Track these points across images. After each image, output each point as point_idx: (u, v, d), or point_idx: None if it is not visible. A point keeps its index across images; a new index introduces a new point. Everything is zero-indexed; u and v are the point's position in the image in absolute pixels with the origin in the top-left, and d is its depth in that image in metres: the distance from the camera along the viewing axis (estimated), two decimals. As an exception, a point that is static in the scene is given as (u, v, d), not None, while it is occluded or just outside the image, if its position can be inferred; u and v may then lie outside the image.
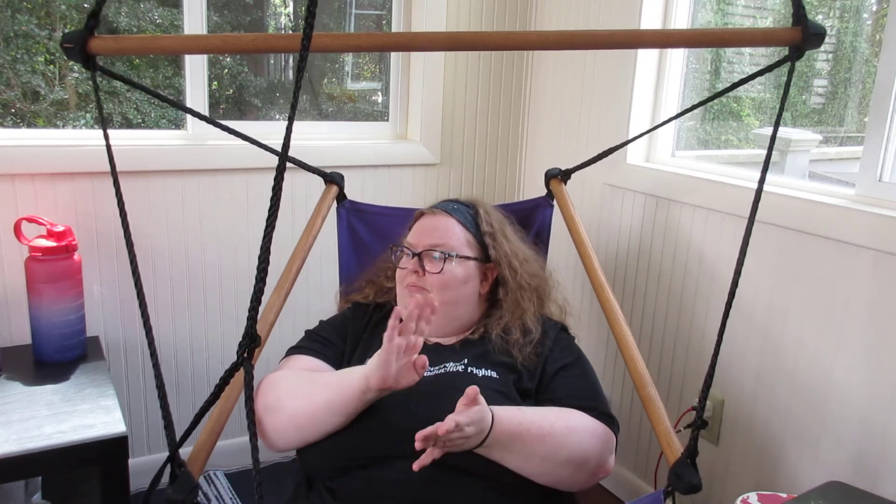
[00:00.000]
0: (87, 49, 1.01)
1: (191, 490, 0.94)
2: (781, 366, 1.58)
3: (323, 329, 1.41)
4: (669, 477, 0.99)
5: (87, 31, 1.00)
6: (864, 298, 1.41)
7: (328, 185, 1.71)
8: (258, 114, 2.26)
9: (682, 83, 1.94)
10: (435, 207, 1.43)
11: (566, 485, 1.17)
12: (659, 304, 1.89)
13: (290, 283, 1.48)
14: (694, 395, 1.80)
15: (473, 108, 2.28)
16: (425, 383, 1.20)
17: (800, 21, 0.93)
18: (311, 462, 1.21)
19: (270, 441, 1.20)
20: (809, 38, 0.93)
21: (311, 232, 1.58)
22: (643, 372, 1.24)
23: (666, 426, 1.15)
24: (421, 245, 1.36)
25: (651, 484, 1.92)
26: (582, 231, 1.58)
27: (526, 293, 1.39)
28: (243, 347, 0.78)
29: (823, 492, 1.10)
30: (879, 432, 1.40)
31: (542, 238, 1.75)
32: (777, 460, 1.61)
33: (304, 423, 1.16)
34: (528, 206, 1.76)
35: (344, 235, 1.72)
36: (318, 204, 1.66)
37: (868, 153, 1.46)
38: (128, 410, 1.93)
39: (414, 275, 1.34)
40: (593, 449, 1.16)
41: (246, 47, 1.07)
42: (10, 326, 1.73)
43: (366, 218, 1.73)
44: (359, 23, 2.34)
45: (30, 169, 1.68)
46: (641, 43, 1.15)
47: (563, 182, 1.72)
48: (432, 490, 1.12)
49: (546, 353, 1.31)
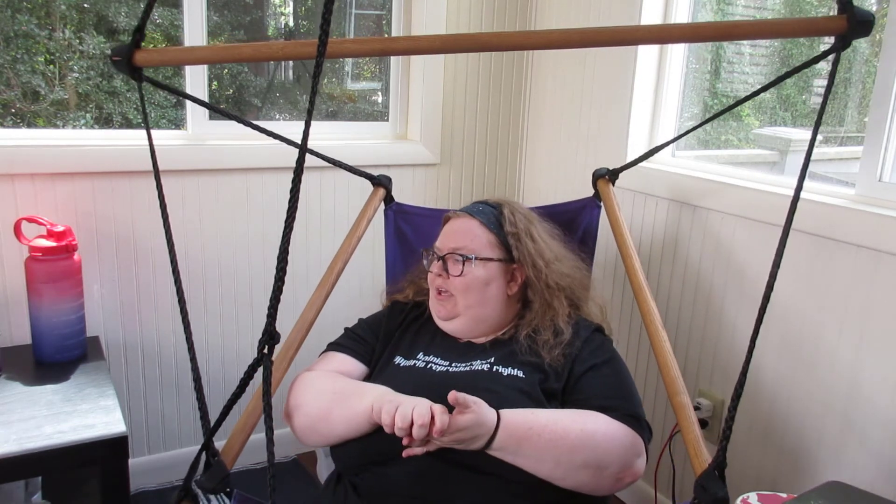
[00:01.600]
0: (133, 61, 1.10)
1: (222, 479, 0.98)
2: (780, 365, 1.58)
3: (359, 327, 1.46)
4: (695, 488, 0.96)
5: (133, 45, 1.10)
6: (863, 299, 1.41)
7: (375, 187, 1.72)
8: (258, 114, 2.26)
9: (682, 83, 1.94)
10: (462, 210, 1.44)
11: (589, 489, 1.14)
12: (659, 304, 1.89)
13: (332, 282, 1.51)
14: (693, 395, 1.80)
15: (473, 108, 2.28)
16: (450, 379, 1.20)
17: (845, 8, 0.87)
18: (338, 457, 1.25)
19: (297, 437, 1.26)
20: (856, 27, 0.87)
21: (356, 233, 1.60)
22: (676, 377, 1.22)
23: (696, 435, 1.11)
24: (445, 248, 1.37)
25: (651, 484, 1.92)
26: (625, 232, 1.56)
27: (555, 293, 1.38)
28: (263, 344, 0.79)
29: (823, 492, 1.10)
30: (879, 432, 1.40)
31: (589, 239, 1.72)
32: (777, 460, 1.61)
33: (324, 432, 1.22)
34: (576, 206, 1.74)
35: (391, 237, 1.73)
36: (364, 206, 1.68)
37: (868, 153, 1.46)
38: (128, 410, 1.93)
39: (439, 278, 1.37)
40: (612, 454, 1.13)
41: (275, 55, 1.12)
42: (10, 326, 1.73)
43: (412, 220, 1.74)
44: (359, 23, 2.34)
45: (30, 169, 1.68)
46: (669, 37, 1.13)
47: (610, 182, 1.70)
48: (445, 487, 1.12)
49: (574, 354, 1.29)
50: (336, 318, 1.56)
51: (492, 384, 1.20)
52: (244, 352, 2.06)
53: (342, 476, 1.25)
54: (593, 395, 1.23)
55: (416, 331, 1.42)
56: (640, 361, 2.00)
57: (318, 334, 1.47)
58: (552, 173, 2.26)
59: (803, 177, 0.92)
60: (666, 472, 1.86)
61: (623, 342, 2.03)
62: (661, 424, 1.91)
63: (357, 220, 1.63)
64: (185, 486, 0.99)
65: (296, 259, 2.06)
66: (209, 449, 0.98)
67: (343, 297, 2.03)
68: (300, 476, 2.09)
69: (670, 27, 1.27)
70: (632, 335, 2.01)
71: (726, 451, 0.94)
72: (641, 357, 1.99)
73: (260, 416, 1.22)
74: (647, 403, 1.96)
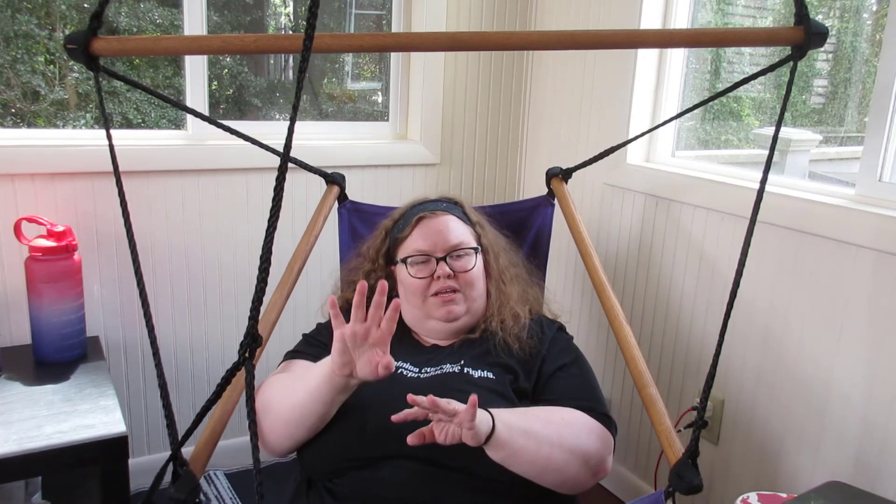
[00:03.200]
0: (90, 50, 1.00)
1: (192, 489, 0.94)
2: (781, 365, 1.58)
3: (319, 333, 1.41)
4: (670, 477, 0.99)
5: (90, 32, 1.00)
6: (864, 298, 1.41)
7: (329, 185, 1.72)
8: (258, 114, 2.26)
9: (682, 83, 1.94)
10: (430, 209, 1.41)
11: (570, 483, 1.15)
12: (659, 303, 1.89)
13: (292, 282, 1.49)
14: (694, 395, 1.80)
15: (473, 108, 2.28)
16: (422, 384, 1.20)
17: (802, 20, 0.93)
18: (310, 463, 1.22)
19: (267, 443, 1.19)
20: (812, 38, 0.93)
21: (313, 232, 1.59)
22: (644, 371, 1.25)
23: (667, 426, 1.14)
24: (443, 248, 1.34)
25: (651, 484, 1.93)
26: (583, 230, 1.58)
27: (507, 278, 1.41)
28: (245, 347, 0.78)
29: (823, 492, 1.10)
30: (880, 432, 1.40)
31: (544, 237, 1.75)
32: (777, 460, 1.61)
33: (291, 418, 1.15)
34: (529, 205, 1.76)
35: (345, 235, 1.73)
36: (319, 204, 1.66)
37: (868, 153, 1.46)
38: (128, 410, 1.93)
39: (439, 281, 1.32)
40: (593, 446, 1.15)
41: (248, 48, 1.07)
42: (10, 326, 1.73)
43: (367, 218, 1.73)
44: (359, 23, 2.34)
45: (30, 169, 1.68)
46: (643, 43, 1.15)
47: (563, 181, 1.73)
48: (429, 489, 1.12)
49: (544, 353, 1.31)
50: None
51: (464, 386, 1.20)
52: (244, 352, 2.06)
53: (313, 481, 1.23)
54: (563, 395, 1.24)
55: None
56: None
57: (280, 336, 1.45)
58: (552, 173, 2.26)
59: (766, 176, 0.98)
60: (666, 472, 1.85)
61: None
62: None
63: (312, 218, 1.62)
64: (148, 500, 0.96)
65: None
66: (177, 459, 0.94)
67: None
68: (300, 476, 2.09)
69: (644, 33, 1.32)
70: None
71: (699, 441, 0.97)
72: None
73: (226, 422, 1.20)
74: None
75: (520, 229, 1.72)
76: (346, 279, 1.52)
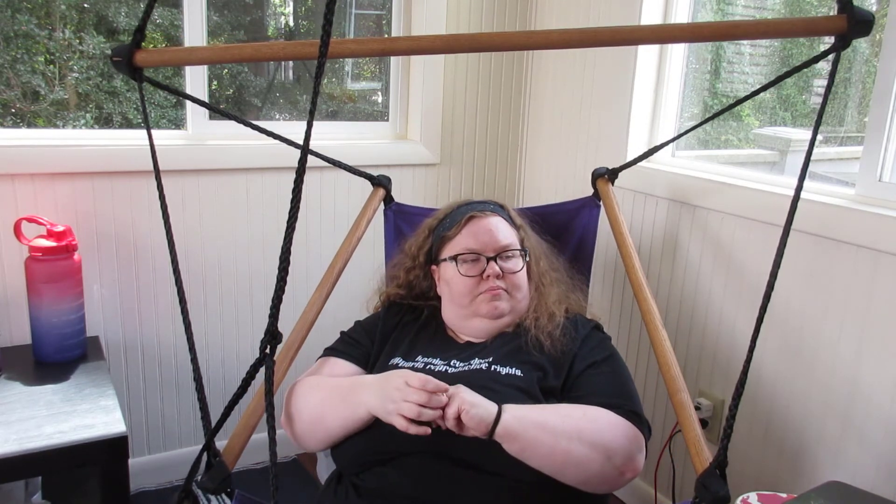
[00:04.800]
0: (134, 62, 1.10)
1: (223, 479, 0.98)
2: (780, 365, 1.58)
3: (355, 331, 1.44)
4: (696, 487, 0.96)
5: (134, 45, 1.09)
6: (862, 298, 1.41)
7: (375, 188, 1.73)
8: (258, 114, 2.26)
9: (682, 83, 1.94)
10: (479, 209, 1.43)
11: (595, 482, 1.13)
12: (659, 304, 1.88)
13: (332, 282, 1.51)
14: (697, 394, 1.80)
15: (473, 108, 2.28)
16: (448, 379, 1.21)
17: (845, 8, 0.88)
18: (339, 458, 1.24)
19: (300, 443, 1.26)
20: (856, 27, 0.88)
21: (356, 233, 1.60)
22: (676, 376, 1.22)
23: (697, 433, 1.11)
24: (494, 248, 1.36)
25: (651, 484, 1.92)
26: (625, 231, 1.57)
27: (546, 281, 1.43)
28: (265, 344, 0.79)
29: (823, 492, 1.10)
30: (880, 432, 1.40)
31: (588, 239, 1.72)
32: (777, 460, 1.61)
33: (321, 436, 1.22)
34: (574, 206, 1.75)
35: (390, 237, 1.73)
36: (364, 206, 1.68)
37: (868, 153, 1.46)
38: (128, 410, 1.93)
39: (488, 280, 1.34)
40: (617, 441, 1.13)
41: (276, 55, 1.13)
42: (10, 326, 1.73)
43: (413, 220, 1.73)
44: (359, 23, 2.34)
45: (30, 169, 1.68)
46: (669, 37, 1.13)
47: (609, 181, 1.70)
48: (446, 487, 1.12)
49: (574, 351, 1.29)
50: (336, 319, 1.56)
51: (490, 382, 1.20)
52: (244, 352, 2.06)
53: (343, 476, 1.25)
54: (593, 392, 1.22)
55: (414, 332, 1.41)
56: (640, 360, 2.00)
57: (319, 335, 1.47)
58: (552, 173, 2.26)
59: (803, 177, 0.92)
60: (666, 472, 1.86)
61: (623, 341, 2.03)
62: (661, 424, 1.91)
63: (357, 220, 1.63)
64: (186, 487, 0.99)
65: (296, 259, 2.06)
66: (210, 449, 0.98)
67: (344, 298, 2.02)
68: (300, 476, 2.09)
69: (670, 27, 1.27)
70: (632, 334, 2.01)
71: (727, 449, 0.94)
72: (641, 356, 1.99)
73: (261, 416, 1.23)
74: (646, 402, 1.96)
75: (564, 230, 1.71)
76: (389, 275, 1.57)
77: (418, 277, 1.48)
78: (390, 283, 1.53)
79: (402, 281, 1.49)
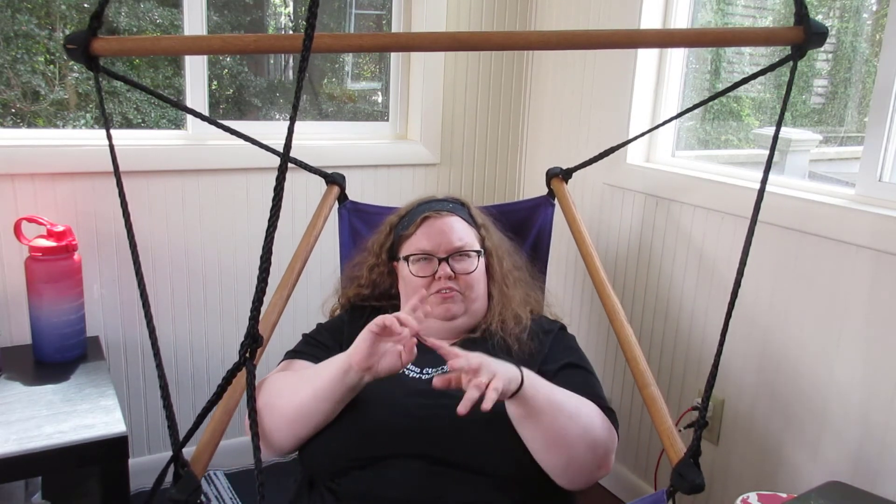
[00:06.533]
0: (90, 50, 1.00)
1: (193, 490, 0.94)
2: (781, 365, 1.58)
3: (319, 333, 1.40)
4: (672, 476, 0.98)
5: (90, 33, 1.00)
6: (864, 298, 1.41)
7: (329, 185, 1.72)
8: (258, 114, 2.26)
9: (682, 83, 1.94)
10: (435, 209, 1.42)
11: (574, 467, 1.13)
12: (659, 303, 1.89)
13: (293, 283, 1.48)
14: (694, 395, 1.80)
15: (473, 108, 2.28)
16: (424, 384, 1.20)
17: (802, 20, 0.93)
18: (312, 463, 1.21)
19: (270, 442, 1.19)
20: (811, 38, 0.93)
21: (313, 232, 1.59)
22: (645, 370, 1.24)
23: (668, 425, 1.14)
24: (446, 248, 1.35)
25: (651, 484, 1.93)
26: (583, 230, 1.58)
27: (510, 281, 1.41)
28: (245, 347, 0.78)
29: (823, 492, 1.10)
30: (880, 432, 1.40)
31: (544, 237, 1.75)
32: (777, 460, 1.61)
33: (294, 416, 1.15)
34: (529, 205, 1.76)
35: (345, 236, 1.72)
36: (319, 205, 1.66)
37: (868, 153, 1.46)
38: (128, 410, 1.93)
39: (439, 281, 1.33)
40: (602, 434, 1.14)
41: (247, 48, 1.06)
42: (10, 326, 1.73)
43: (367, 218, 1.73)
44: (359, 23, 2.34)
45: (30, 169, 1.68)
46: (642, 43, 1.15)
47: (564, 181, 1.73)
48: (431, 487, 1.11)
49: (545, 353, 1.31)
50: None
51: None
52: (244, 352, 2.06)
53: (315, 482, 1.22)
54: None
55: None
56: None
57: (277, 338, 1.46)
58: (552, 173, 2.26)
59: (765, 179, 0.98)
60: (666, 472, 1.86)
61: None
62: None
63: (312, 219, 1.62)
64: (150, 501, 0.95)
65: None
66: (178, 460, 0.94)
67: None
68: (300, 476, 2.09)
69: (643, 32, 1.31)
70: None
71: (700, 440, 0.97)
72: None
73: (228, 421, 1.19)
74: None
75: (520, 229, 1.73)
76: (349, 275, 1.52)
77: (382, 275, 1.46)
78: (350, 285, 1.49)
79: (366, 280, 1.46)
